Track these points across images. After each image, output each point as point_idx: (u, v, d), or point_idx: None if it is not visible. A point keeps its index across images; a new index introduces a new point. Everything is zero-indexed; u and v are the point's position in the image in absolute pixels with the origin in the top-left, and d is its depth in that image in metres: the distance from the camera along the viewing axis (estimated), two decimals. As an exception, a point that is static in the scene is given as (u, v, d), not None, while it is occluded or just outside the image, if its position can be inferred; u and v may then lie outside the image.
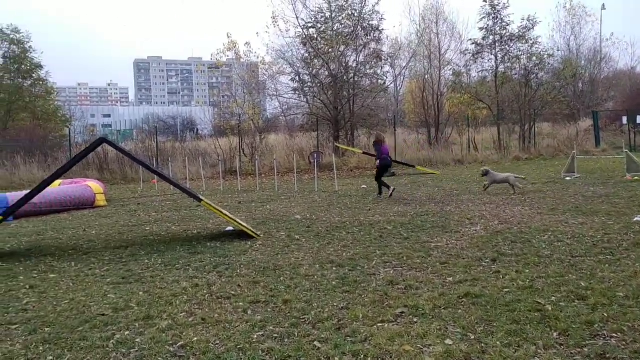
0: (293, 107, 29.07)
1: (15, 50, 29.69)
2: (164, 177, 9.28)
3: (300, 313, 4.67)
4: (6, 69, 29.62)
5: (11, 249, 8.21)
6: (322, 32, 24.81)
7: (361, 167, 21.35)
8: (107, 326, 4.54)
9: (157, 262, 6.86)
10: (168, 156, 22.05)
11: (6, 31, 29.40)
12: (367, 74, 26.05)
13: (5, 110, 29.02)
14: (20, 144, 23.59)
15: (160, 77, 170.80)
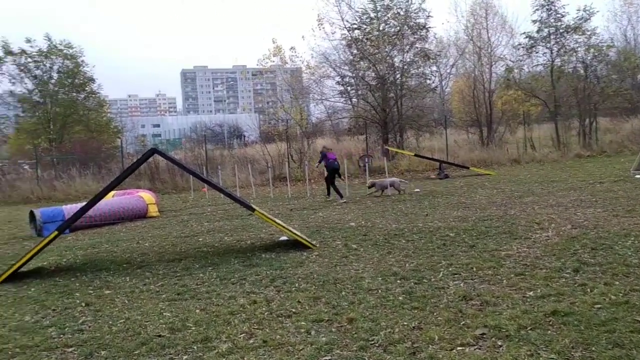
0: (339, 111, 28.79)
1: (68, 65, 30.59)
2: (215, 186, 9.09)
3: (367, 334, 4.29)
4: (61, 83, 30.54)
5: (67, 263, 8.18)
6: (367, 33, 24.41)
7: (412, 169, 20.78)
8: (164, 349, 4.29)
9: (212, 276, 6.62)
10: (217, 164, 22.11)
11: (60, 47, 30.33)
12: (414, 73, 25.47)
13: (60, 124, 29.92)
14: (75, 156, 24.23)
15: (206, 85, 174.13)
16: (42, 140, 29.40)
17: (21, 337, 4.83)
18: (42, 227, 11.22)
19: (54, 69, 30.46)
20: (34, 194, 20.21)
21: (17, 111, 31.88)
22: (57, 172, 22.35)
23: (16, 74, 29.88)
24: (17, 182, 21.32)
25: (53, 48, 30.10)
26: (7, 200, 19.87)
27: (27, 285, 6.81)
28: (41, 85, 30.16)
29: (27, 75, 30.00)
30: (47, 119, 29.87)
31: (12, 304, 6.00)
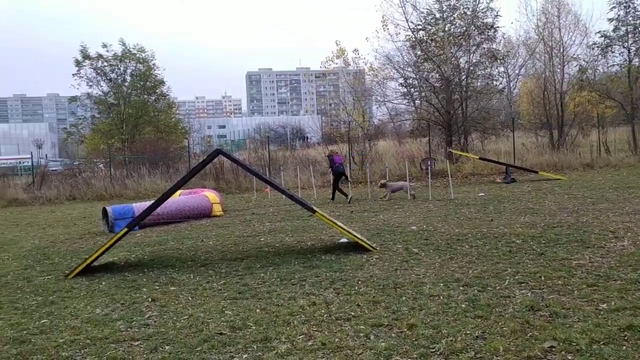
0: (402, 113, 28.49)
1: (141, 68, 31.95)
2: (277, 187, 9.19)
3: (428, 341, 4.19)
4: (133, 86, 31.95)
5: (136, 259, 8.51)
6: (432, 34, 24.01)
7: (477, 173, 20.23)
8: (225, 347, 4.36)
9: (272, 276, 6.68)
10: (279, 165, 22.39)
11: (133, 51, 31.72)
12: (481, 75, 24.80)
13: (132, 125, 31.28)
14: (145, 156, 25.23)
15: (271, 87, 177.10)
16: (115, 141, 30.85)
17: (92, 328, 5.05)
18: (114, 223, 11.73)
19: (128, 72, 31.92)
20: (107, 191, 21.19)
21: (94, 112, 33.64)
22: (129, 171, 23.35)
23: (93, 77, 31.57)
24: (92, 180, 22.43)
25: (127, 52, 31.53)
26: (83, 197, 20.93)
27: (99, 279, 7.13)
28: (115, 87, 31.68)
29: (103, 78, 31.60)
30: (120, 120, 31.34)
31: (85, 296, 6.29)
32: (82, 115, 34.82)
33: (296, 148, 38.82)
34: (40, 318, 5.51)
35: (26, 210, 18.47)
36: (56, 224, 13.96)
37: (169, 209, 12.40)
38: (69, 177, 23.75)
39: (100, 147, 31.25)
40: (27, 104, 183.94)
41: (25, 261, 8.84)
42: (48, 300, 6.19)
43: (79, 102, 33.47)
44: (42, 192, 21.36)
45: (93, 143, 32.91)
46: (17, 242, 11.07)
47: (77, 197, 21.00)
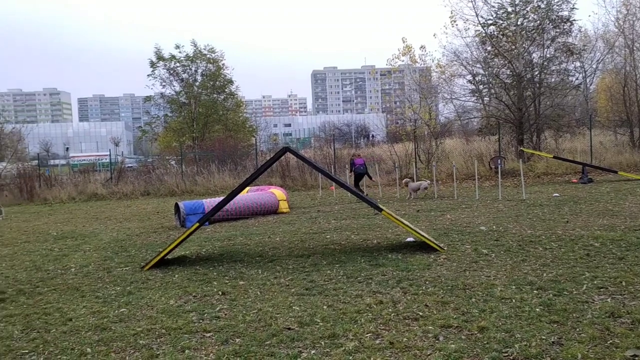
0: (470, 110, 27.80)
1: (211, 68, 32.94)
2: (343, 185, 9.21)
3: (500, 345, 4.06)
4: (204, 85, 33.00)
5: (206, 253, 8.78)
6: (503, 29, 23.25)
7: (550, 172, 19.42)
8: (293, 342, 4.42)
9: (338, 274, 6.70)
10: (345, 163, 22.43)
11: (204, 51, 32.75)
12: (555, 70, 23.76)
13: (202, 123, 32.32)
14: (214, 153, 25.98)
15: (335, 86, 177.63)
16: (186, 138, 31.98)
17: (167, 319, 5.26)
18: (185, 218, 12.16)
19: (198, 72, 33.02)
20: (179, 187, 21.99)
21: (166, 111, 35.03)
22: (199, 168, 24.12)
23: (166, 78, 32.89)
24: (164, 177, 23.34)
25: (198, 53, 32.60)
26: (156, 193, 21.83)
27: (172, 271, 7.41)
28: (187, 87, 32.84)
29: (176, 78, 32.85)
30: (191, 118, 32.47)
31: (159, 288, 6.56)
32: (156, 114, 36.35)
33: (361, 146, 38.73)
34: (119, 307, 5.79)
35: (105, 204, 19.47)
36: (132, 217, 14.63)
37: (237, 205, 12.71)
38: (143, 174, 24.85)
39: (172, 144, 32.48)
40: (105, 104, 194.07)
41: (105, 253, 9.32)
42: (126, 291, 6.50)
43: (153, 102, 34.96)
44: (119, 188, 22.46)
45: (165, 141, 34.25)
46: (97, 234, 11.70)
47: (150, 193, 21.92)
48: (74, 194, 21.92)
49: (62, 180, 24.67)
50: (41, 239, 11.45)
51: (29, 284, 7.14)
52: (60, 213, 16.96)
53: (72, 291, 6.63)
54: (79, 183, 23.24)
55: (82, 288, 6.75)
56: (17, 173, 23.84)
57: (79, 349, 4.58)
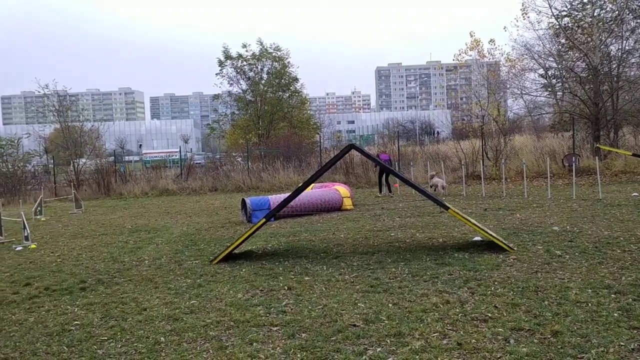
0: (542, 106, 26.75)
1: (276, 66, 33.45)
2: (409, 182, 9.11)
3: (575, 350, 3.90)
4: (269, 83, 33.56)
5: (272, 249, 8.93)
6: (579, 20, 22.18)
7: (630, 171, 18.35)
8: (359, 339, 4.43)
9: (403, 272, 6.64)
10: (409, 160, 22.17)
11: (269, 50, 33.30)
12: (635, 63, 22.43)
13: (268, 121, 32.89)
14: (279, 150, 26.36)
15: (400, 82, 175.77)
16: (252, 136, 32.65)
17: (235, 312, 5.40)
18: (252, 214, 12.41)
19: (264, 71, 33.61)
20: (245, 183, 22.49)
21: (233, 109, 35.91)
22: (264, 165, 24.55)
23: (234, 76, 33.70)
24: (231, 173, 23.94)
25: (264, 51, 33.18)
26: (224, 189, 22.42)
27: (239, 266, 7.59)
28: (253, 85, 33.52)
29: (242, 77, 33.60)
30: (257, 116, 33.13)
31: (227, 281, 6.74)
32: (223, 112, 37.32)
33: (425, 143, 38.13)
34: (190, 299, 6.00)
35: (175, 199, 20.22)
36: (200, 212, 15.10)
37: (302, 201, 12.84)
38: (211, 170, 25.59)
39: (239, 141, 33.24)
40: (175, 102, 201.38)
41: (176, 246, 9.67)
42: (196, 283, 6.72)
43: (220, 100, 35.93)
44: (188, 183, 23.24)
45: (232, 138, 35.11)
46: (169, 228, 12.16)
47: (218, 189, 22.54)
48: (147, 189, 22.89)
49: (136, 176, 25.81)
50: (117, 231, 12.03)
51: (106, 274, 7.53)
52: (134, 207, 17.76)
53: (146, 282, 6.93)
54: (152, 179, 24.23)
55: (155, 279, 7.05)
56: (95, 169, 25.15)
57: (153, 338, 4.78)
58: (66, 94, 29.85)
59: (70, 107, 30.18)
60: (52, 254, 9.44)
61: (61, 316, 5.63)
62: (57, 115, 28.22)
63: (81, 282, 7.12)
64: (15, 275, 7.78)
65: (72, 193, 18.63)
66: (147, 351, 4.48)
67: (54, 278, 7.45)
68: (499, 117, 24.61)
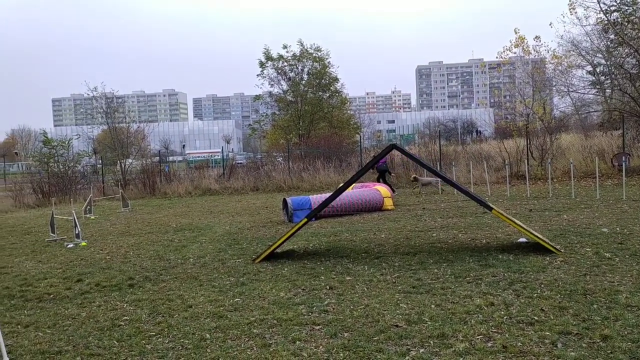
0: (590, 104, 25.94)
1: (317, 66, 33.58)
2: (452, 183, 9.00)
3: (626, 355, 3.79)
4: (310, 83, 33.72)
5: (313, 248, 8.99)
6: (629, 15, 21.39)
7: (684, 170, 17.60)
8: (401, 339, 4.42)
9: (446, 273, 6.58)
10: (450, 160, 21.87)
11: (310, 50, 33.46)
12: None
13: (308, 121, 33.05)
14: (319, 150, 26.44)
15: (441, 81, 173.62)
16: (293, 136, 32.87)
17: (278, 310, 5.47)
18: (293, 213, 12.51)
19: (305, 71, 33.78)
20: (285, 183, 22.65)
21: (274, 110, 36.24)
22: (305, 165, 24.66)
23: (274, 77, 34.00)
24: (272, 173, 24.15)
25: (304, 52, 33.36)
26: (265, 189, 22.65)
27: (282, 265, 7.67)
28: (294, 86, 33.74)
29: (283, 77, 33.87)
30: (297, 116, 33.34)
31: (270, 280, 6.83)
32: (264, 113, 37.71)
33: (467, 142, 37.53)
34: (234, 297, 6.11)
35: (218, 199, 20.55)
36: (242, 212, 15.31)
37: (342, 201, 12.85)
38: (252, 170, 25.87)
39: (280, 141, 33.51)
40: (217, 103, 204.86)
41: (219, 245, 9.85)
42: (239, 281, 6.83)
43: (261, 100, 36.32)
44: (230, 183, 23.58)
45: (273, 138, 35.42)
46: (212, 227, 12.39)
47: (259, 188, 22.79)
48: (190, 189, 23.34)
49: (180, 175, 26.36)
50: (162, 230, 12.34)
51: (153, 272, 7.74)
52: (179, 206, 18.16)
53: (191, 280, 7.09)
54: (195, 178, 24.68)
55: (200, 277, 7.20)
56: (141, 169, 25.82)
57: (198, 334, 4.90)
58: (113, 96, 30.78)
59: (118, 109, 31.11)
60: (102, 252, 9.77)
61: (111, 311, 5.83)
62: (105, 116, 29.13)
63: (129, 278, 7.35)
64: (67, 272, 8.09)
65: (119, 192, 19.19)
66: (193, 347, 4.60)
67: (103, 275, 7.71)
68: (545, 116, 23.99)
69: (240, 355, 4.34)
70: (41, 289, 7.09)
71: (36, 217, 16.75)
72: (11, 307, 6.24)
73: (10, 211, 19.52)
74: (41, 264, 8.93)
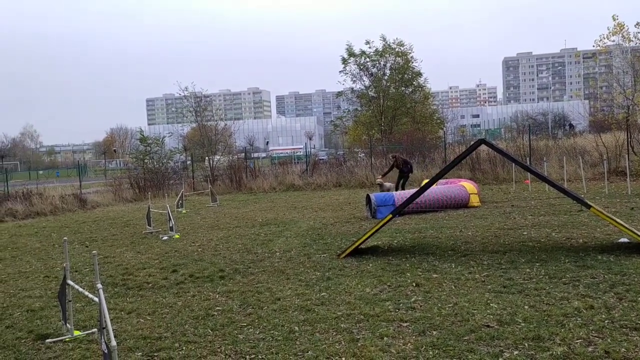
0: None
1: (399, 61, 33.22)
2: (547, 180, 8.59)
3: None
4: (392, 79, 33.41)
5: (398, 245, 8.91)
6: None
7: None
8: (493, 340, 4.29)
9: (539, 273, 6.30)
10: (541, 155, 20.88)
11: (393, 45, 33.14)
12: None
13: (390, 116, 32.78)
14: (402, 146, 26.14)
15: (530, 73, 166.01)
16: (375, 132, 32.73)
17: (364, 305, 5.48)
18: (376, 210, 12.47)
19: (387, 66, 33.52)
20: (368, 179, 22.60)
21: (356, 106, 36.25)
22: (387, 161, 24.48)
23: (356, 73, 34.00)
24: (355, 169, 24.20)
25: (387, 47, 33.09)
26: (347, 184, 22.75)
27: (366, 261, 7.67)
28: (376, 82, 33.56)
29: (365, 73, 33.79)
30: (379, 112, 33.14)
31: (355, 275, 6.85)
32: (346, 109, 37.82)
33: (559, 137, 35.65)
34: (320, 291, 6.19)
35: (301, 194, 20.89)
36: (325, 207, 15.46)
37: (427, 197, 12.63)
38: (335, 166, 26.04)
39: (362, 137, 33.49)
40: (299, 100, 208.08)
41: (304, 239, 10.01)
42: (325, 276, 6.91)
43: (343, 97, 36.46)
44: (313, 179, 23.89)
45: (355, 134, 35.46)
46: (296, 222, 12.61)
47: (342, 184, 22.91)
48: (274, 185, 23.89)
49: (264, 171, 27.06)
50: (249, 224, 12.72)
51: (242, 265, 8.01)
52: (264, 202, 18.65)
53: (278, 273, 7.26)
54: (279, 174, 25.24)
55: (286, 271, 7.36)
56: (228, 165, 26.77)
57: (287, 327, 5.01)
58: (202, 95, 32.05)
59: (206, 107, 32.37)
60: (193, 244, 10.24)
61: (205, 301, 6.10)
62: (194, 115, 30.44)
63: (220, 270, 7.65)
64: (163, 262, 8.56)
65: (208, 188, 20.01)
66: (283, 339, 4.71)
67: (196, 266, 8.08)
68: (649, 107, 22.28)
69: (329, 349, 4.40)
70: (140, 278, 7.55)
71: (133, 211, 17.82)
72: (115, 294, 6.69)
73: (110, 205, 20.90)
74: (140, 254, 9.50)
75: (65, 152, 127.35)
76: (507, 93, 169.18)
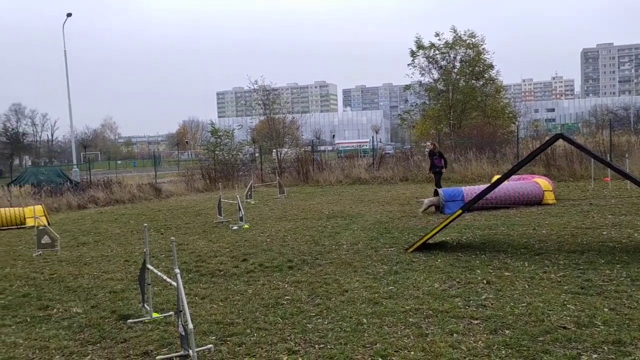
0: None
1: (470, 54, 32.33)
2: (631, 177, 8.15)
3: None
4: (462, 72, 32.59)
5: (467, 241, 8.73)
6: None
7: None
8: (569, 342, 4.14)
9: (620, 275, 6.00)
10: (623, 151, 19.76)
11: (463, 37, 32.30)
12: None
13: (460, 110, 32.02)
14: (472, 140, 25.51)
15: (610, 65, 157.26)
16: (443, 126, 32.10)
17: (433, 301, 5.43)
18: (444, 205, 12.26)
19: (457, 59, 32.71)
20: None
21: (424, 99, 35.67)
22: (456, 155, 23.97)
23: (425, 66, 33.42)
24: (422, 163, 23.84)
25: (457, 39, 32.29)
26: (414, 179, 22.48)
27: (434, 256, 7.57)
28: (445, 74, 32.85)
29: (434, 66, 33.14)
30: (448, 105, 32.44)
31: (423, 270, 6.79)
32: (414, 102, 37.29)
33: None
34: (388, 285, 6.18)
35: (367, 188, 20.85)
36: (392, 201, 15.36)
37: (497, 193, 12.26)
38: (401, 160, 25.78)
39: (430, 131, 32.93)
40: (366, 94, 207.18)
41: (371, 233, 10.00)
42: (392, 270, 6.89)
43: (411, 90, 35.94)
44: (379, 173, 23.76)
45: (423, 128, 34.91)
46: (363, 215, 12.61)
47: (408, 179, 22.66)
48: (341, 178, 23.96)
49: (331, 164, 27.20)
50: (316, 216, 12.85)
51: (309, 256, 8.11)
52: (330, 194, 18.76)
53: (346, 266, 7.31)
54: (345, 168, 25.29)
55: (354, 264, 7.40)
56: (295, 157, 27.12)
57: (355, 319, 5.05)
58: (271, 88, 32.58)
59: (275, 100, 32.89)
60: (262, 234, 10.48)
61: (274, 290, 6.24)
62: (263, 108, 31.00)
63: (288, 261, 7.79)
64: (234, 251, 8.81)
65: (276, 179, 20.37)
66: (351, 330, 4.75)
67: (265, 256, 8.27)
68: None
69: (397, 342, 4.39)
70: (213, 265, 7.82)
71: (204, 200, 18.43)
72: (189, 280, 6.97)
73: (183, 194, 21.71)
74: (211, 243, 9.83)
75: (141, 143, 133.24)
76: (585, 86, 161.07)
